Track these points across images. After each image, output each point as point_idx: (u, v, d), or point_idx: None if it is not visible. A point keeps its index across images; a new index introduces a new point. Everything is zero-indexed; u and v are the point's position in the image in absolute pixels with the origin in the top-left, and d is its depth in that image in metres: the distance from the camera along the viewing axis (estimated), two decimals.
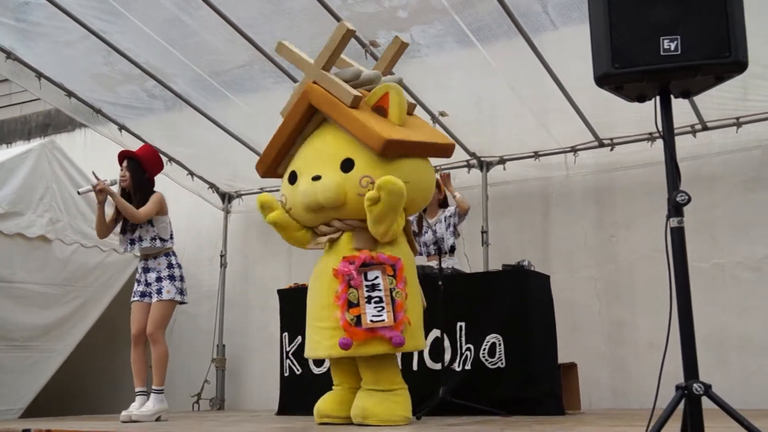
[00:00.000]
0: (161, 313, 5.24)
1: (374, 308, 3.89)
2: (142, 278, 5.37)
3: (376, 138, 3.91)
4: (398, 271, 3.97)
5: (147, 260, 5.36)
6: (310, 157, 4.22)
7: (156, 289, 5.27)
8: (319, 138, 4.26)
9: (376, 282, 3.94)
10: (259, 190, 7.92)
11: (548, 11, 5.29)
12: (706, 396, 2.44)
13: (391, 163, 3.99)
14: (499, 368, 5.02)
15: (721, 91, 3.79)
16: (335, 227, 4.14)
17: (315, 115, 4.31)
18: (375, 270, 3.97)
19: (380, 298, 3.90)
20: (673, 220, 2.60)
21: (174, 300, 5.29)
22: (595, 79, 2.66)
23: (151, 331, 5.20)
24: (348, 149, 4.05)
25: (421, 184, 4.16)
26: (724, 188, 6.12)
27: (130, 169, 5.35)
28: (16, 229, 6.69)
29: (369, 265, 3.98)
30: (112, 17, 5.81)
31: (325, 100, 4.15)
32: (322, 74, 4.23)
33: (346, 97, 4.06)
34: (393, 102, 4.10)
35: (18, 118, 10.25)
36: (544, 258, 6.48)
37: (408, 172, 4.03)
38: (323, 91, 4.17)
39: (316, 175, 4.06)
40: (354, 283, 3.93)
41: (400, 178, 3.92)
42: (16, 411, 6.63)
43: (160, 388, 5.24)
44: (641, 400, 5.84)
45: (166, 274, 5.30)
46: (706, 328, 5.60)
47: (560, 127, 6.30)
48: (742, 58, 2.50)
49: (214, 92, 6.65)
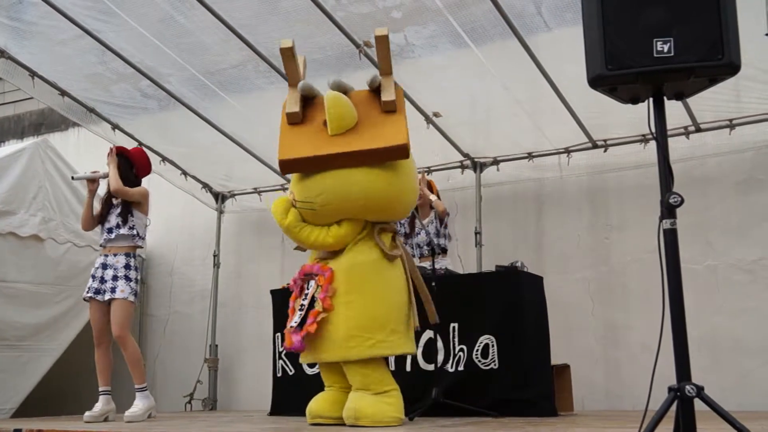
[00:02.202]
0: (122, 313, 5.16)
1: (298, 315, 4.11)
2: (98, 273, 5.25)
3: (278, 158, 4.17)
4: (325, 281, 4.10)
5: (107, 256, 5.27)
6: None
7: (111, 287, 5.17)
8: None
9: (307, 292, 4.16)
10: (252, 190, 7.94)
11: (542, 12, 5.29)
12: (698, 398, 2.44)
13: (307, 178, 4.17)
14: (492, 369, 5.02)
15: (714, 93, 3.80)
16: None
17: None
18: (311, 280, 4.19)
19: (302, 306, 4.12)
20: (666, 222, 2.60)
21: (127, 299, 5.18)
22: (589, 81, 2.66)
23: (118, 333, 5.13)
24: None
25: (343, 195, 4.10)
26: (717, 190, 6.14)
27: (120, 162, 5.36)
28: (8, 228, 6.67)
29: (309, 275, 4.21)
30: (106, 16, 5.80)
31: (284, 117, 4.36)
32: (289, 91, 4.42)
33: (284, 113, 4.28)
34: (327, 113, 4.12)
35: (11, 116, 10.22)
36: (538, 259, 6.48)
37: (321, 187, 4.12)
38: None
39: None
40: (295, 293, 4.26)
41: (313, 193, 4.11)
42: (7, 411, 6.61)
43: (142, 386, 5.23)
44: (634, 402, 5.85)
45: (122, 273, 5.21)
46: (699, 330, 5.63)
47: (554, 129, 6.31)
48: (736, 60, 2.51)
49: (208, 92, 6.64)
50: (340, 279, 4.09)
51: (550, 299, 5.39)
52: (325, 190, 4.09)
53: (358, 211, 4.17)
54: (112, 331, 5.16)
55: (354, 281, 4.10)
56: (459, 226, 6.19)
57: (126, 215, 5.27)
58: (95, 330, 5.27)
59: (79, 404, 7.54)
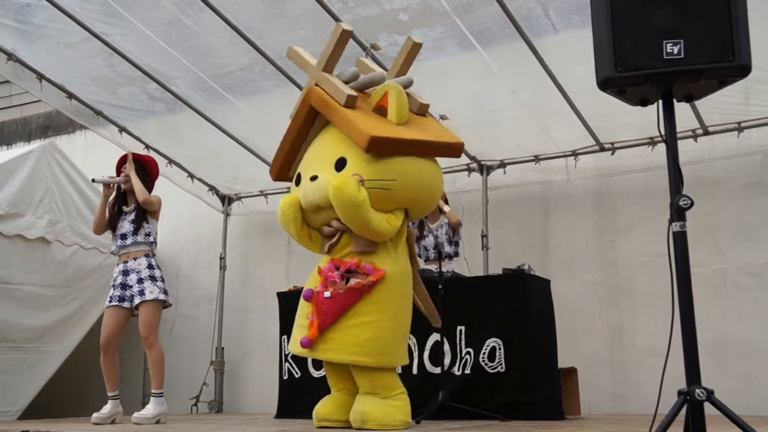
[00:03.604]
0: (151, 314, 5.13)
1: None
2: (118, 281, 5.21)
3: (362, 135, 3.90)
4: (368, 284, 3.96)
5: (127, 262, 5.23)
6: (312, 158, 4.23)
7: (138, 290, 5.13)
8: (321, 139, 4.27)
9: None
10: (259, 193, 7.94)
11: (550, 15, 5.28)
12: (708, 402, 2.43)
13: (380, 160, 3.97)
14: (499, 372, 5.01)
15: (723, 95, 3.78)
16: (334, 227, 4.12)
17: (318, 116, 4.31)
18: (357, 277, 3.99)
19: None
20: (676, 225, 2.59)
21: (158, 299, 5.15)
22: (598, 83, 2.65)
23: (145, 334, 5.09)
24: (342, 148, 4.05)
25: (414, 183, 4.08)
26: (725, 193, 6.12)
27: (136, 170, 5.34)
28: (15, 230, 6.68)
29: (353, 272, 4.00)
30: (113, 20, 5.81)
31: (322, 101, 4.16)
32: (322, 75, 4.24)
33: (341, 97, 4.08)
34: (391, 101, 4.09)
35: (18, 119, 10.25)
36: (545, 262, 6.47)
37: (399, 171, 4.01)
38: (321, 92, 4.18)
39: (314, 176, 4.07)
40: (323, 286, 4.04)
41: (388, 176, 3.94)
42: (14, 413, 6.62)
43: (159, 391, 5.16)
44: (641, 405, 5.82)
45: (147, 274, 5.18)
46: (707, 334, 5.58)
47: (561, 131, 6.29)
48: (746, 61, 2.50)
49: (215, 95, 6.64)
50: (393, 284, 4.03)
51: (556, 302, 5.38)
52: (401, 176, 4.00)
53: (414, 202, 4.15)
54: (141, 332, 5.09)
55: (403, 289, 4.11)
56: (465, 229, 6.17)
57: (141, 222, 5.24)
58: (105, 336, 5.18)
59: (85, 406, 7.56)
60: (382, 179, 3.95)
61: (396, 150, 4.03)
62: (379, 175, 3.95)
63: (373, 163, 3.96)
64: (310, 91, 4.25)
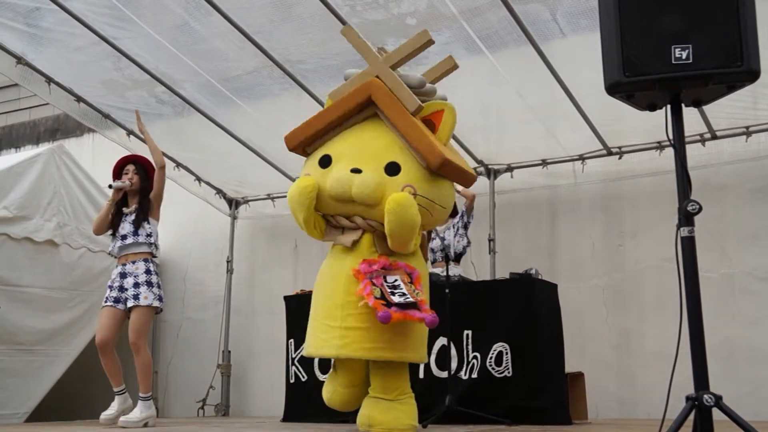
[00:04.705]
0: (143, 320, 5.12)
1: (400, 297, 3.80)
2: (116, 283, 5.20)
3: (436, 154, 3.87)
4: (415, 279, 3.95)
5: (125, 265, 5.22)
6: (353, 148, 4.09)
7: (133, 294, 5.11)
8: (366, 132, 4.13)
9: (397, 284, 3.87)
10: (266, 197, 7.95)
11: (557, 19, 5.28)
12: (716, 407, 2.42)
13: (433, 180, 3.97)
14: (506, 377, 5.00)
15: (731, 100, 3.78)
16: (357, 224, 4.03)
17: (367, 108, 4.22)
18: (394, 274, 3.92)
19: (404, 293, 3.83)
20: (684, 230, 2.58)
21: (152, 306, 5.14)
22: (606, 88, 2.65)
23: (134, 339, 5.07)
24: (396, 153, 3.97)
25: (446, 205, 4.16)
26: (733, 198, 6.10)
27: (139, 173, 5.35)
28: (23, 233, 6.71)
29: (387, 269, 3.93)
30: (122, 23, 5.83)
31: (388, 99, 4.05)
32: (389, 73, 4.14)
33: (411, 104, 4.01)
34: (446, 122, 4.07)
35: (27, 122, 10.29)
36: (552, 266, 6.46)
37: (442, 194, 4.04)
38: (387, 89, 4.11)
39: (356, 168, 3.95)
40: (376, 282, 3.86)
41: (438, 198, 3.96)
42: (22, 415, 6.64)
43: (147, 395, 5.15)
44: (648, 410, 5.81)
45: (144, 279, 5.16)
46: (714, 339, 5.56)
47: (568, 135, 6.29)
48: (755, 67, 2.49)
49: (223, 98, 6.66)
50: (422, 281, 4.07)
51: (563, 307, 5.37)
52: (441, 199, 4.02)
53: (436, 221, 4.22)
54: (130, 336, 5.09)
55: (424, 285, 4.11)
56: (473, 233, 6.17)
57: (141, 222, 5.22)
58: (101, 337, 5.12)
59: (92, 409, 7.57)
60: (431, 200, 3.94)
61: (451, 175, 4.05)
62: (429, 195, 3.94)
63: (428, 180, 3.95)
64: (373, 82, 4.14)
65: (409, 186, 3.87)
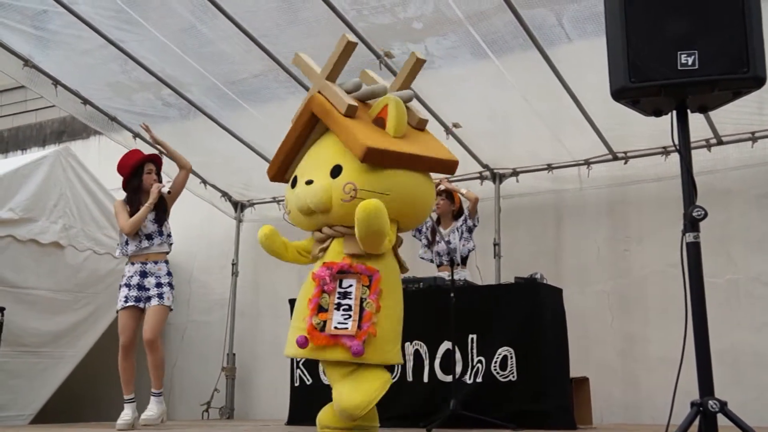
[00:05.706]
0: (160, 318, 5.23)
1: (341, 315, 3.88)
2: (134, 282, 5.23)
3: (358, 145, 3.92)
4: (373, 282, 3.94)
5: (146, 264, 5.28)
6: (309, 163, 4.28)
7: (157, 293, 5.21)
8: (319, 145, 4.31)
9: (349, 290, 3.93)
10: (271, 200, 7.96)
11: (563, 24, 5.28)
12: (721, 413, 2.42)
13: (375, 171, 3.98)
14: (511, 381, 5.00)
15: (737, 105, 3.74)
16: (325, 234, 4.16)
17: (318, 123, 4.35)
18: (350, 278, 3.95)
19: (349, 306, 3.90)
20: (689, 236, 2.58)
21: (170, 307, 5.33)
22: (612, 93, 2.65)
23: (152, 337, 5.13)
24: (339, 156, 4.07)
25: (406, 196, 4.07)
26: (739, 203, 6.09)
27: (158, 172, 5.49)
28: (29, 235, 6.72)
29: (345, 272, 3.97)
30: (129, 26, 5.85)
31: (323, 108, 4.21)
32: (325, 84, 4.29)
33: (341, 106, 4.13)
34: (390, 114, 4.12)
35: (33, 124, 10.32)
36: (557, 271, 6.45)
37: (391, 184, 4.01)
38: (323, 99, 4.23)
39: (309, 180, 4.10)
40: (327, 288, 3.94)
41: (382, 188, 3.94)
42: (26, 417, 6.65)
43: (160, 391, 5.30)
44: (653, 415, 5.80)
45: (166, 281, 5.30)
46: (719, 344, 5.51)
47: (574, 140, 6.29)
48: (761, 73, 2.49)
49: (229, 101, 6.67)
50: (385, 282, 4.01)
51: (568, 311, 5.37)
52: (394, 188, 3.99)
53: (404, 215, 4.14)
54: (146, 334, 5.13)
55: (395, 286, 4.09)
56: (478, 238, 6.17)
57: (163, 219, 5.36)
58: (126, 338, 5.19)
59: (97, 411, 7.61)
60: (376, 190, 3.95)
61: (390, 162, 4.06)
62: (373, 186, 3.95)
63: (368, 173, 3.98)
64: (312, 98, 4.31)
65: (349, 183, 3.93)
